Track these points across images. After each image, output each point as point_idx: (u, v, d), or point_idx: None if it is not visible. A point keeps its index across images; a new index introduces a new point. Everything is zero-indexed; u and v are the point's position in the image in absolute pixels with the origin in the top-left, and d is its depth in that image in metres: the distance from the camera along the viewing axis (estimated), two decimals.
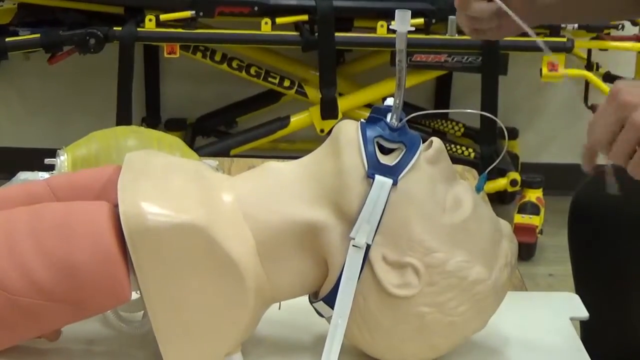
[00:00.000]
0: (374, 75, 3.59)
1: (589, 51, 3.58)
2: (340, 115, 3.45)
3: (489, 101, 3.35)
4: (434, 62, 3.34)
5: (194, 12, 3.31)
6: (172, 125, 3.91)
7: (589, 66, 3.56)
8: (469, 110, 1.50)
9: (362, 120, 1.11)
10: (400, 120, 1.09)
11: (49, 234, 1.04)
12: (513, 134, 3.93)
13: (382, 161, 1.07)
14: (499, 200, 3.77)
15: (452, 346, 1.12)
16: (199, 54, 3.49)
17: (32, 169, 1.61)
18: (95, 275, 1.03)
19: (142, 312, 1.13)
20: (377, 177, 1.05)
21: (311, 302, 1.13)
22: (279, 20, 3.32)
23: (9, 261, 1.02)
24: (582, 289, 1.60)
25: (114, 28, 3.30)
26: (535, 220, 3.45)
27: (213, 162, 1.60)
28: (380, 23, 3.28)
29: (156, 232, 1.02)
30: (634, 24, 3.58)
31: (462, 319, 1.08)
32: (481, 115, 2.86)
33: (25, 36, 3.33)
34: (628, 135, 1.03)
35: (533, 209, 3.47)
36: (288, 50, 3.62)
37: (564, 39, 3.31)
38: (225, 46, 3.52)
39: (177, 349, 1.06)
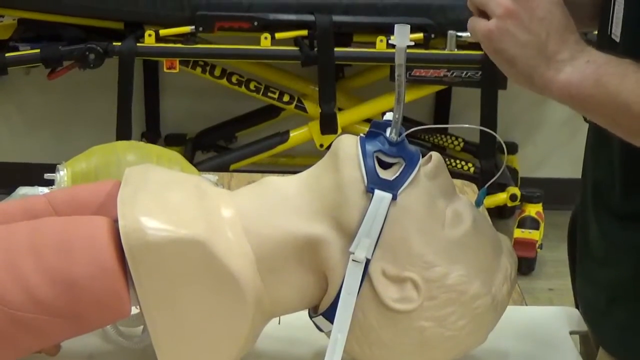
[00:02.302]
0: (373, 90, 3.59)
1: None
2: (339, 130, 3.45)
3: (489, 116, 3.36)
4: (433, 77, 3.35)
5: (193, 27, 3.31)
6: (172, 140, 3.91)
7: None
8: (468, 126, 1.51)
9: (361, 135, 1.11)
10: (400, 134, 1.09)
11: (48, 249, 1.04)
12: (512, 148, 3.94)
13: (381, 176, 1.07)
14: (498, 214, 3.77)
15: None
16: (198, 69, 3.49)
17: (31, 184, 1.61)
18: (95, 290, 1.03)
19: (142, 327, 1.13)
20: (377, 192, 1.05)
21: (311, 317, 1.12)
22: (278, 35, 3.33)
23: (9, 276, 1.02)
24: None
25: (114, 43, 3.31)
26: (534, 235, 3.45)
27: (213, 177, 1.60)
28: (379, 38, 3.28)
29: (156, 247, 1.02)
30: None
31: (461, 334, 1.08)
32: (480, 129, 2.86)
33: (25, 51, 3.34)
34: None
35: (533, 224, 3.47)
36: (287, 65, 3.62)
37: None
38: (225, 61, 3.52)
39: None
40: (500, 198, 3.53)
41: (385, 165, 1.09)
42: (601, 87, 1.00)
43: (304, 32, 3.36)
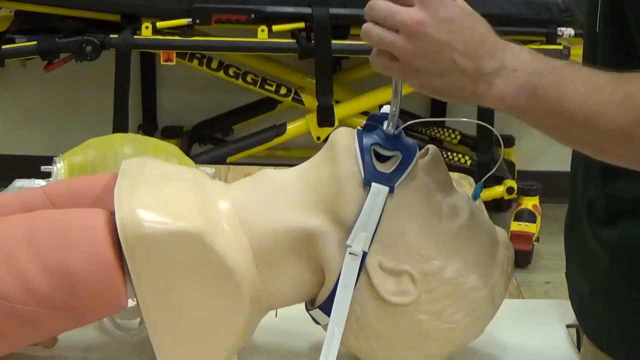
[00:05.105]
0: (370, 83, 3.58)
1: None
2: (336, 123, 3.45)
3: (486, 109, 3.34)
4: None
5: (190, 19, 3.31)
6: (169, 133, 3.91)
7: None
8: (465, 119, 1.50)
9: (358, 127, 1.11)
10: (397, 127, 1.09)
11: (45, 242, 1.04)
12: (509, 141, 3.93)
13: (378, 169, 1.07)
14: (495, 207, 3.77)
15: (448, 354, 1.12)
16: (195, 62, 3.49)
17: (28, 177, 1.61)
18: (92, 283, 1.03)
19: (139, 319, 1.13)
20: (374, 185, 1.05)
21: (307, 310, 1.13)
22: (275, 27, 3.32)
23: (6, 268, 1.02)
24: None
25: (111, 35, 3.30)
26: (531, 228, 3.45)
27: (210, 169, 1.60)
28: None
29: (153, 240, 1.02)
30: None
31: (458, 327, 1.08)
32: (477, 123, 2.85)
33: (21, 43, 3.33)
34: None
35: (529, 217, 3.47)
36: (284, 57, 3.62)
37: (560, 47, 3.31)
38: (222, 54, 3.52)
39: (173, 356, 1.06)
40: (497, 191, 3.53)
41: (382, 158, 1.09)
42: (538, 98, 0.98)
43: (301, 25, 3.35)
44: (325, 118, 3.45)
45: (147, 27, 3.30)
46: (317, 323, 1.12)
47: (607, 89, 0.95)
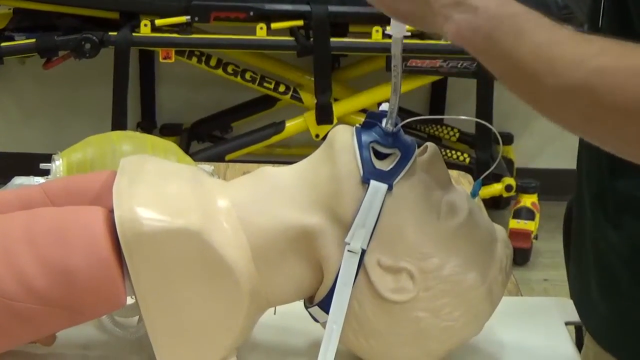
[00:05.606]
0: (369, 81, 3.59)
1: None
2: (335, 121, 3.45)
3: (484, 106, 3.36)
4: (429, 68, 3.35)
5: (189, 17, 3.31)
6: (167, 130, 3.91)
7: None
8: (463, 117, 1.50)
9: (357, 125, 1.11)
10: (396, 125, 1.09)
11: (44, 239, 1.04)
12: (508, 139, 3.94)
13: (377, 166, 1.07)
14: (494, 205, 3.78)
15: (447, 351, 1.12)
16: (194, 59, 3.49)
17: (27, 174, 1.61)
18: (91, 280, 1.02)
19: (137, 317, 1.13)
20: (372, 182, 1.05)
21: (306, 307, 1.13)
22: (274, 25, 3.32)
23: (4, 266, 1.02)
24: None
25: (109, 33, 3.30)
26: (530, 226, 3.45)
27: (208, 167, 1.60)
28: (375, 28, 3.28)
29: (151, 237, 1.02)
30: None
31: (457, 324, 1.08)
32: (476, 120, 2.86)
33: (20, 41, 3.33)
34: None
35: (528, 214, 3.48)
36: (283, 55, 3.62)
37: None
38: (221, 51, 3.52)
39: (172, 353, 1.06)
40: (496, 189, 3.53)
41: (380, 156, 1.09)
42: (493, 42, 0.94)
43: (300, 22, 3.36)
44: (324, 116, 3.45)
45: (145, 25, 3.31)
46: (316, 321, 1.12)
47: (567, 45, 0.92)
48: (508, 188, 3.52)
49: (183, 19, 3.31)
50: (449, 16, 0.97)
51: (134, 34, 3.32)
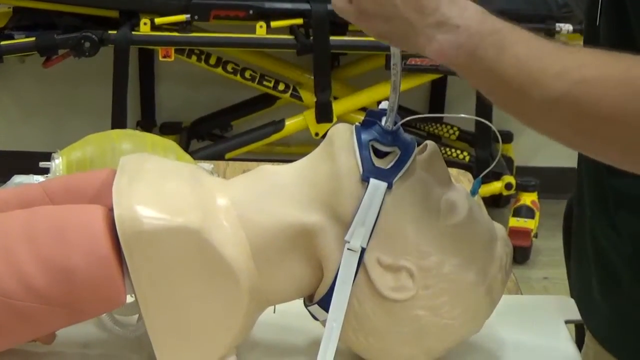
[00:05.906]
0: (368, 79, 3.59)
1: None
2: (335, 119, 3.45)
3: (484, 105, 3.34)
4: (428, 66, 3.34)
5: (188, 15, 3.31)
6: (167, 129, 3.91)
7: None
8: (463, 115, 1.50)
9: (357, 123, 1.11)
10: (395, 123, 1.09)
11: (44, 238, 1.04)
12: (508, 137, 3.93)
13: (377, 164, 1.07)
14: (493, 203, 3.78)
15: (447, 350, 1.12)
16: (193, 58, 3.49)
17: (27, 172, 1.60)
18: (90, 279, 1.02)
19: (137, 315, 1.13)
20: (372, 181, 1.05)
21: (306, 306, 1.12)
22: (273, 23, 3.32)
23: (4, 264, 1.02)
24: None
25: (109, 31, 3.30)
26: (530, 224, 3.45)
27: (208, 165, 1.60)
28: None
29: (151, 236, 1.02)
30: None
31: (456, 323, 1.08)
32: (476, 119, 2.86)
33: (20, 40, 3.33)
34: None
35: (528, 213, 3.48)
36: (283, 53, 3.62)
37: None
38: (220, 50, 3.52)
39: (171, 352, 1.06)
40: (496, 187, 3.53)
41: (380, 154, 1.09)
42: (477, 59, 0.95)
43: (300, 21, 3.36)
44: (324, 114, 3.45)
45: (145, 23, 3.31)
46: (316, 319, 1.12)
47: (549, 58, 0.93)
48: (508, 186, 3.52)
49: (183, 17, 3.31)
50: (432, 36, 0.97)
51: (133, 32, 3.32)
